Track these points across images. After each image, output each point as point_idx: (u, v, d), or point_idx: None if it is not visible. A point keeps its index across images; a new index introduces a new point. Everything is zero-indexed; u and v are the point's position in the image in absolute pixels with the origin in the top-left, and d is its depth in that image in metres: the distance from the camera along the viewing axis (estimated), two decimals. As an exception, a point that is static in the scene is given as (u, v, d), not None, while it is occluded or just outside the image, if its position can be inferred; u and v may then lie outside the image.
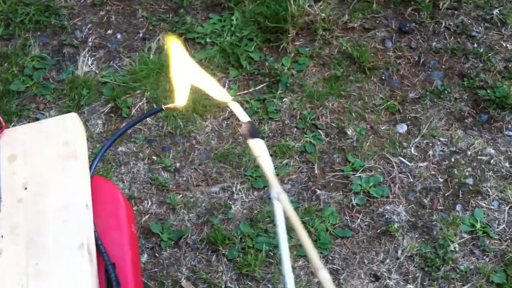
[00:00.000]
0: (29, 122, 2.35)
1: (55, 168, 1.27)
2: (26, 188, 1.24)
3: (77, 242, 1.18)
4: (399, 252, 2.08)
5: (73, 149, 1.30)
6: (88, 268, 1.16)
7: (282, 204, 1.10)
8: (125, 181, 2.25)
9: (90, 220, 1.25)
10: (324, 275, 0.94)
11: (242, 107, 2.38)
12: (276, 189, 1.11)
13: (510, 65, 2.46)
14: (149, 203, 2.19)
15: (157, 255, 2.08)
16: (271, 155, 2.24)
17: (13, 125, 2.06)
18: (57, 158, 1.28)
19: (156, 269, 2.06)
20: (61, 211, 1.22)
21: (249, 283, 2.02)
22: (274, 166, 2.21)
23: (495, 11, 2.60)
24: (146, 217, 2.16)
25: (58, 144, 1.30)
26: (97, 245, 1.24)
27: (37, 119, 2.36)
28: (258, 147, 1.20)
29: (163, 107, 1.47)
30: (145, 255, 2.08)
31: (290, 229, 1.02)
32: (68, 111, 2.37)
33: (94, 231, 1.25)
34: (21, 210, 1.21)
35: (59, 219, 1.21)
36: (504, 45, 2.53)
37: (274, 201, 1.12)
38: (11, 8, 2.66)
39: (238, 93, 2.44)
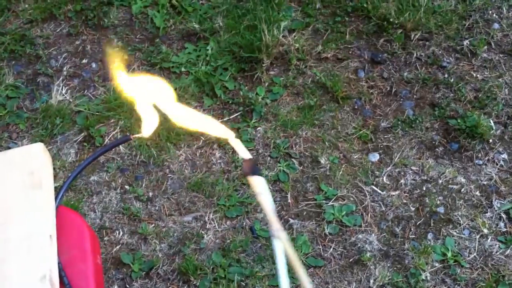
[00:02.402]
0: (0, 151, 2.33)
1: (19, 198, 1.25)
2: (-13, 218, 1.22)
3: (40, 274, 1.17)
4: (371, 281, 2.07)
5: (38, 179, 1.29)
6: (49, 300, 1.14)
7: (281, 243, 1.10)
8: (96, 210, 2.23)
9: (54, 251, 1.24)
10: None
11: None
12: (276, 227, 1.11)
13: (480, 95, 2.50)
14: (121, 233, 2.17)
15: (127, 286, 2.06)
16: (244, 184, 2.26)
17: (-17, 154, 2.04)
18: (21, 187, 1.27)
19: (127, 300, 2.04)
20: (24, 242, 1.20)
21: (221, 313, 2.00)
22: (247, 194, 2.22)
23: (465, 42, 2.66)
24: (117, 247, 2.14)
25: (22, 174, 1.29)
26: (61, 277, 1.23)
27: (9, 148, 2.35)
28: (259, 184, 1.21)
29: (131, 136, 1.47)
30: (116, 287, 2.06)
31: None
32: (41, 140, 2.36)
33: (58, 263, 1.24)
34: (-18, 241, 1.19)
35: (22, 249, 1.19)
36: (474, 75, 2.57)
37: (274, 239, 1.12)
38: (-15, 37, 2.66)
39: (212, 122, 2.45)
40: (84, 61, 2.66)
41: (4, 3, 2.77)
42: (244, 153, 1.27)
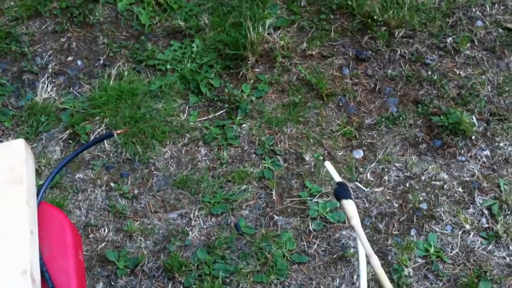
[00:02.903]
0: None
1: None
2: (-33, 214, 1.22)
3: (21, 269, 1.17)
4: (355, 277, 2.09)
5: (18, 175, 1.29)
6: (30, 295, 1.15)
7: (374, 269, 1.11)
8: (82, 208, 2.23)
9: (35, 246, 1.24)
10: None
11: (201, 133, 2.41)
12: (369, 252, 1.13)
13: (463, 92, 2.53)
14: (106, 230, 2.18)
15: (112, 283, 2.06)
16: (229, 181, 2.27)
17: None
18: (2, 183, 1.27)
19: (111, 297, 2.04)
20: (5, 237, 1.21)
21: (205, 310, 2.01)
22: (232, 192, 2.23)
23: (449, 40, 2.68)
24: (103, 244, 2.14)
25: (3, 170, 1.29)
26: (42, 272, 1.23)
27: (-6, 146, 2.34)
28: (350, 208, 1.24)
29: (114, 132, 1.48)
30: (101, 284, 2.06)
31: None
32: (26, 138, 2.36)
33: (40, 258, 1.24)
34: (-38, 237, 1.20)
35: (2, 245, 1.20)
36: (457, 72, 2.60)
37: (361, 264, 1.13)
38: (-30, 35, 2.65)
39: (198, 119, 2.46)
40: (70, 58, 2.65)
41: (-11, 0, 2.76)
42: (336, 177, 1.30)
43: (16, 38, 2.68)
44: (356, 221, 1.22)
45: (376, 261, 1.12)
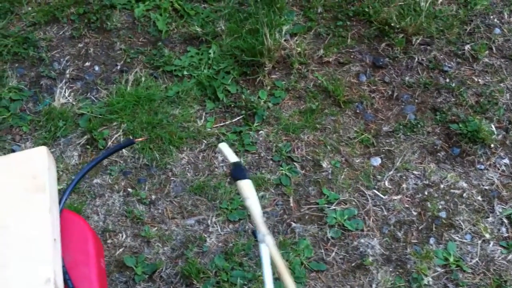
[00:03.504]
0: (4, 153, 2.34)
1: (23, 202, 1.26)
2: (-9, 222, 1.23)
3: (44, 277, 1.17)
4: (374, 286, 2.08)
5: (41, 182, 1.29)
6: (54, 303, 1.15)
7: (267, 247, 1.11)
8: (99, 213, 2.23)
9: (58, 254, 1.24)
10: None
11: (218, 139, 2.41)
12: (263, 231, 1.12)
13: (481, 100, 2.51)
14: (124, 236, 2.18)
15: (130, 289, 2.07)
16: (246, 188, 2.25)
17: (-13, 157, 2.04)
18: (24, 191, 1.28)
19: (129, 303, 2.04)
20: (28, 245, 1.21)
21: (223, 317, 2.00)
22: (249, 198, 2.22)
23: (467, 47, 2.66)
24: (120, 250, 2.14)
25: (26, 178, 1.29)
26: (65, 280, 1.24)
27: (13, 151, 2.36)
28: (246, 188, 1.21)
29: (135, 140, 1.48)
30: (118, 289, 2.06)
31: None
32: (44, 143, 2.37)
33: (62, 266, 1.25)
34: (-14, 244, 1.20)
35: (25, 253, 1.20)
36: (476, 80, 2.58)
37: (261, 243, 1.13)
38: (-12, 40, 2.67)
39: (215, 125, 2.46)
40: (87, 64, 2.66)
41: (7, 6, 2.77)
42: (230, 157, 1.27)
43: (33, 44, 2.70)
44: (251, 201, 1.20)
45: (270, 241, 1.12)
